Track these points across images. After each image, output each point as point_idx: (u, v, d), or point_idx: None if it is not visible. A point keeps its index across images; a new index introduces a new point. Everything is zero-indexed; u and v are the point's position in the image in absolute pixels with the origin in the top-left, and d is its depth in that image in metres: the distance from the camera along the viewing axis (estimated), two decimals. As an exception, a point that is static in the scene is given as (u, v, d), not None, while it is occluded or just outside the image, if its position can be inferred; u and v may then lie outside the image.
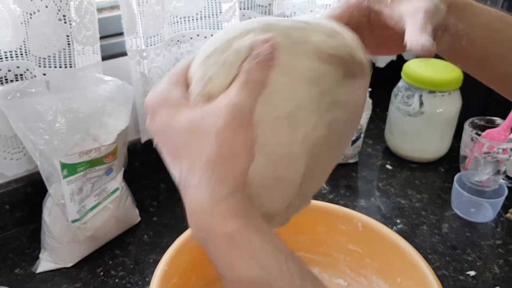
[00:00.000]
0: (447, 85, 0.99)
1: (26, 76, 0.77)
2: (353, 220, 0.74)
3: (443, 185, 1.01)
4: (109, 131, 0.77)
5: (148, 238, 0.86)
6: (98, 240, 0.82)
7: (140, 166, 0.98)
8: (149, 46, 0.83)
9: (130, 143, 0.93)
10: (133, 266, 0.80)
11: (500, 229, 0.89)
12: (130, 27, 0.79)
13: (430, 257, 0.82)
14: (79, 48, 0.76)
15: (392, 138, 1.09)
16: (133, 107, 0.85)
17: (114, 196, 0.82)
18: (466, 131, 0.98)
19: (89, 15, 0.74)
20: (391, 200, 0.96)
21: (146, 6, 0.79)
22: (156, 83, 0.86)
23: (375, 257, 0.73)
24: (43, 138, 0.71)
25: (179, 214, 0.92)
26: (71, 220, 0.76)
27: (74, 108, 0.74)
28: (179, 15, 0.87)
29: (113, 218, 0.82)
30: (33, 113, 0.71)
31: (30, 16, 0.70)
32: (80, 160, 0.73)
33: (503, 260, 0.82)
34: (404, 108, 1.03)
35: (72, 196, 0.74)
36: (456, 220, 0.91)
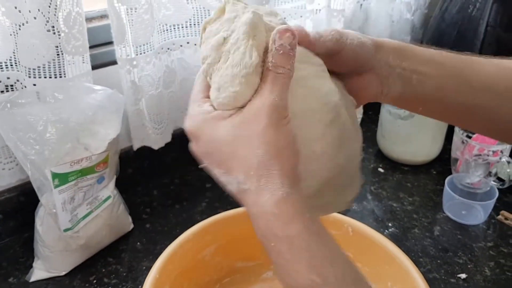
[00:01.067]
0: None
1: (16, 86, 0.77)
2: (343, 225, 0.74)
3: (435, 187, 1.01)
4: (100, 140, 0.77)
5: (141, 245, 0.86)
6: (90, 248, 0.82)
7: (132, 174, 0.99)
8: (139, 54, 0.83)
9: (122, 151, 0.94)
10: (126, 273, 0.80)
11: (492, 231, 0.89)
12: (119, 36, 0.80)
13: (422, 260, 0.82)
14: (68, 58, 0.76)
15: (384, 141, 1.10)
16: (124, 115, 0.86)
17: (106, 204, 0.82)
18: (456, 133, 0.98)
19: (78, 25, 0.74)
20: (383, 204, 0.96)
21: (135, 15, 0.80)
22: (146, 91, 0.87)
23: (366, 262, 0.73)
24: (34, 148, 0.72)
25: (172, 221, 0.92)
26: (63, 229, 0.76)
27: (65, 117, 0.75)
28: (168, 23, 0.88)
29: (106, 226, 0.83)
30: (24, 123, 0.72)
31: (19, 28, 0.71)
32: (71, 169, 0.73)
33: (494, 262, 0.82)
34: (395, 112, 1.04)
35: (63, 205, 0.75)
36: (447, 223, 0.91)
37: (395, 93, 0.47)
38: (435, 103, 0.48)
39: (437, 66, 0.46)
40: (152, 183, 1.02)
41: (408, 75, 0.46)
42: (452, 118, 0.52)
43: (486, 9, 1.03)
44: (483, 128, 0.53)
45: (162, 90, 0.91)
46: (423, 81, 0.46)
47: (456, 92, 0.47)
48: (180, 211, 0.95)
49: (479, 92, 0.47)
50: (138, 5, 0.79)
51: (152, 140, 0.93)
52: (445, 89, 0.47)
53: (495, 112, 0.49)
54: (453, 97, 0.47)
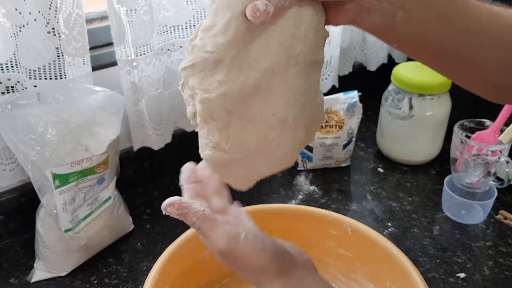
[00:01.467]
0: (436, 89, 1.00)
1: (17, 88, 0.77)
2: (342, 225, 0.75)
3: (434, 187, 1.01)
4: (100, 141, 0.78)
5: (142, 246, 0.86)
6: (91, 249, 0.83)
7: (133, 174, 0.99)
8: (139, 55, 0.84)
9: (122, 151, 0.94)
10: (126, 274, 0.81)
11: (491, 230, 0.90)
12: (119, 38, 0.80)
13: (421, 259, 0.83)
14: (69, 59, 0.76)
15: (383, 141, 1.10)
16: (125, 116, 0.86)
17: (106, 205, 0.83)
18: (455, 133, 0.99)
19: (78, 26, 0.75)
20: (382, 204, 0.97)
21: (135, 16, 0.80)
22: (146, 92, 0.88)
23: (365, 261, 0.74)
24: (34, 149, 0.72)
25: (172, 221, 0.91)
26: (63, 230, 0.77)
27: (65, 119, 0.75)
28: (168, 24, 0.88)
29: (106, 227, 0.83)
30: (24, 124, 0.72)
31: (19, 29, 0.71)
32: (71, 170, 0.73)
33: (493, 261, 0.82)
34: (394, 112, 1.04)
35: (64, 206, 0.75)
36: (446, 222, 0.92)
37: (372, 26, 0.44)
38: (413, 41, 0.45)
39: (429, 7, 0.43)
40: (153, 184, 1.03)
41: (393, 11, 0.42)
42: (427, 58, 0.49)
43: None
44: (456, 74, 0.51)
45: (162, 91, 0.91)
46: (407, 19, 0.43)
47: (437, 31, 0.44)
48: (180, 212, 0.95)
49: (461, 34, 0.45)
50: (138, 6, 0.80)
51: (152, 140, 0.94)
52: (427, 28, 0.44)
53: (472, 58, 0.47)
54: (433, 36, 0.44)
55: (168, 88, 0.93)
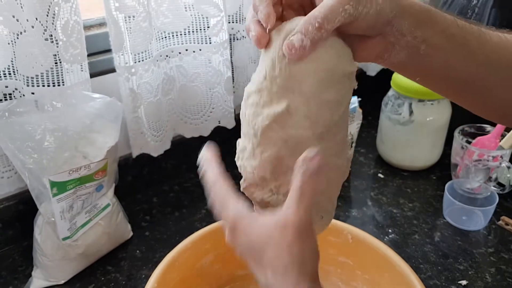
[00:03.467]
0: (436, 94, 0.99)
1: (14, 95, 0.77)
2: (343, 232, 0.74)
3: (435, 193, 1.01)
4: (98, 148, 0.77)
5: (140, 253, 0.86)
6: (90, 257, 0.82)
7: (132, 181, 0.99)
8: (137, 62, 0.83)
9: (121, 158, 0.94)
10: (125, 282, 0.80)
11: (492, 236, 0.89)
12: (117, 44, 0.80)
13: (422, 266, 0.82)
14: (67, 66, 0.76)
15: (383, 146, 1.10)
16: (123, 123, 0.86)
17: (105, 212, 0.82)
18: (456, 139, 0.98)
19: (76, 33, 0.74)
20: (383, 210, 0.96)
21: (133, 23, 0.80)
22: (145, 98, 0.87)
23: (366, 269, 0.73)
24: (32, 157, 0.72)
25: (171, 228, 0.92)
26: (61, 238, 0.76)
27: (63, 126, 0.75)
28: (166, 31, 0.88)
29: (105, 235, 0.82)
30: (22, 132, 0.72)
31: (17, 37, 0.71)
32: (69, 178, 0.73)
33: (495, 268, 0.82)
34: (394, 117, 1.04)
35: (62, 214, 0.74)
36: (448, 229, 0.91)
37: (396, 60, 0.45)
38: (436, 74, 0.47)
39: (449, 38, 0.44)
40: (151, 191, 1.02)
41: (417, 45, 0.44)
42: (449, 89, 0.50)
43: (485, 13, 1.03)
44: (477, 105, 0.51)
45: (160, 98, 0.91)
46: (431, 53, 0.44)
47: (460, 65, 0.46)
48: (180, 219, 0.94)
49: (481, 66, 0.46)
50: (136, 13, 0.79)
51: (151, 147, 0.93)
52: (449, 62, 0.45)
53: (492, 88, 0.48)
54: (456, 70, 0.46)
55: (167, 95, 0.93)
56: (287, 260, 0.41)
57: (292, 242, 0.41)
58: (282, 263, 0.41)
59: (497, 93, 0.48)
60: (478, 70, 0.46)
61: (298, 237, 0.41)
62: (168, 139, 0.97)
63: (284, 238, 0.41)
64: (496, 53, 0.47)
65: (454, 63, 0.45)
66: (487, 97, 0.49)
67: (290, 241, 0.41)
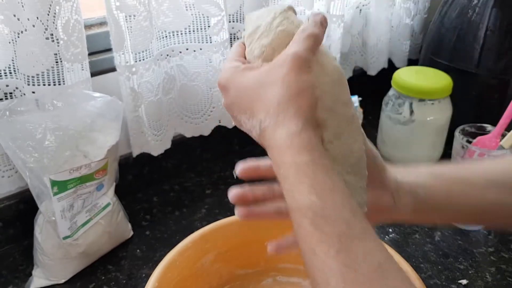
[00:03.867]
0: (437, 93, 1.00)
1: (15, 94, 0.77)
2: (343, 231, 0.74)
3: (436, 192, 1.01)
4: (99, 147, 0.77)
5: (141, 253, 0.86)
6: (90, 256, 0.82)
7: (132, 180, 0.99)
8: (138, 61, 0.83)
9: (122, 157, 0.94)
10: (125, 281, 0.80)
11: (493, 236, 0.89)
12: (118, 43, 0.80)
13: (422, 266, 0.82)
14: (67, 65, 0.76)
15: (384, 146, 1.10)
16: (124, 122, 0.86)
17: (105, 211, 0.82)
18: (456, 138, 0.98)
19: (77, 32, 0.74)
20: (383, 209, 0.96)
21: (134, 22, 0.80)
22: (146, 97, 0.87)
23: (366, 268, 0.73)
24: (33, 156, 0.72)
25: (172, 228, 0.92)
26: (62, 237, 0.76)
27: (64, 125, 0.75)
28: (167, 30, 0.88)
29: (105, 234, 0.82)
30: (22, 131, 0.72)
31: (17, 35, 0.71)
32: (70, 177, 0.73)
33: (495, 268, 0.82)
34: (395, 117, 1.04)
35: (63, 213, 0.74)
36: (448, 228, 0.91)
37: (408, 206, 0.51)
38: (448, 210, 0.52)
39: (440, 177, 0.51)
40: (152, 190, 1.02)
41: (414, 189, 0.50)
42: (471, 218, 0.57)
43: (486, 13, 1.03)
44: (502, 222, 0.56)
45: (161, 97, 0.91)
46: (430, 193, 0.50)
47: (465, 196, 0.50)
48: (180, 218, 0.95)
49: (487, 190, 0.50)
50: (137, 12, 0.79)
51: (151, 146, 0.93)
52: (453, 196, 0.50)
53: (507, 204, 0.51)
54: (463, 200, 0.50)
55: (167, 94, 0.93)
56: (282, 92, 0.41)
57: (289, 71, 0.41)
58: (277, 96, 0.41)
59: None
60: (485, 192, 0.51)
61: (296, 68, 0.41)
62: (169, 138, 0.97)
63: (281, 69, 0.41)
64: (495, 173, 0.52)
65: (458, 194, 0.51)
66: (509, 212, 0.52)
67: (287, 71, 0.41)
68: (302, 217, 0.38)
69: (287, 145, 0.40)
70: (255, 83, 0.42)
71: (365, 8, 1.22)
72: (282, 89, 0.41)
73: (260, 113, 0.42)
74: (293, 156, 0.39)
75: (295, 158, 0.39)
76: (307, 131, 0.40)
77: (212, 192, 1.01)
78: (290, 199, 0.40)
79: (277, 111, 0.40)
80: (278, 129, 0.40)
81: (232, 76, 0.44)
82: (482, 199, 0.50)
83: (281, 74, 0.41)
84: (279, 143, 0.40)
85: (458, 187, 0.51)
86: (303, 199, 0.38)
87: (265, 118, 0.41)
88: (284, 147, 0.40)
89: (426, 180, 0.51)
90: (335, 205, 0.38)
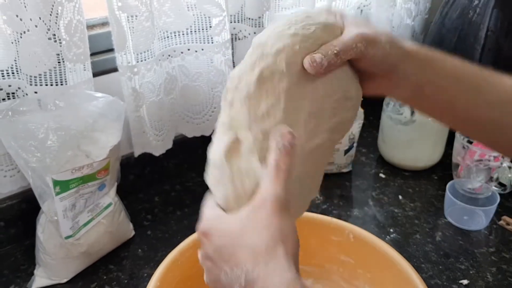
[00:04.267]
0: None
1: (17, 94, 0.77)
2: (344, 231, 0.74)
3: (437, 193, 1.01)
4: (101, 147, 0.78)
5: (142, 252, 0.86)
6: (92, 256, 0.82)
7: (134, 180, 0.99)
8: (139, 61, 0.84)
9: (123, 157, 0.94)
10: (127, 280, 0.80)
11: (494, 236, 0.89)
12: (120, 44, 0.80)
13: (423, 266, 0.82)
14: (70, 65, 0.76)
15: (384, 146, 1.10)
16: (125, 122, 0.86)
17: (107, 211, 0.82)
18: (457, 139, 0.98)
19: (79, 33, 0.75)
20: (384, 209, 0.96)
21: (135, 22, 0.80)
22: (147, 98, 0.87)
23: (367, 268, 0.73)
24: (35, 155, 0.72)
25: (173, 227, 0.92)
26: (64, 237, 0.76)
27: (66, 125, 0.75)
28: (169, 30, 0.88)
29: (107, 234, 0.83)
30: (25, 131, 0.72)
31: (20, 36, 0.71)
32: (72, 176, 0.73)
33: (496, 268, 0.82)
34: (396, 117, 1.04)
35: (65, 213, 0.75)
36: (449, 228, 0.91)
37: (401, 97, 0.50)
38: (442, 111, 0.50)
39: (455, 81, 0.48)
40: (153, 190, 1.02)
41: (422, 85, 0.47)
42: (455, 125, 0.54)
43: (487, 14, 1.03)
44: (489, 140, 0.54)
45: (163, 97, 0.91)
46: (436, 93, 0.48)
47: (469, 106, 0.48)
48: (181, 218, 0.95)
49: (496, 107, 0.49)
50: (139, 12, 0.80)
51: (153, 146, 0.94)
52: (457, 103, 0.48)
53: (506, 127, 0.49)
54: (465, 109, 0.49)
55: (169, 94, 0.93)
56: (267, 239, 0.40)
57: (269, 218, 0.40)
58: (263, 243, 0.40)
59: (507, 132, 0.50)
60: (492, 109, 0.49)
61: (277, 212, 0.41)
62: (170, 138, 0.98)
63: (262, 214, 0.41)
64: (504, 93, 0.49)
65: (463, 102, 0.48)
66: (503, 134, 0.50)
67: (267, 216, 0.40)
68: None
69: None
70: (237, 228, 0.42)
71: (366, 9, 1.22)
72: (267, 234, 0.40)
73: (247, 262, 0.40)
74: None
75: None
76: (299, 279, 0.40)
77: (213, 192, 1.01)
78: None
79: (266, 258, 0.39)
80: (272, 279, 0.39)
81: (215, 222, 0.44)
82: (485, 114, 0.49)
83: (263, 218, 0.41)
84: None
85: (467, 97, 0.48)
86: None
87: (254, 268, 0.40)
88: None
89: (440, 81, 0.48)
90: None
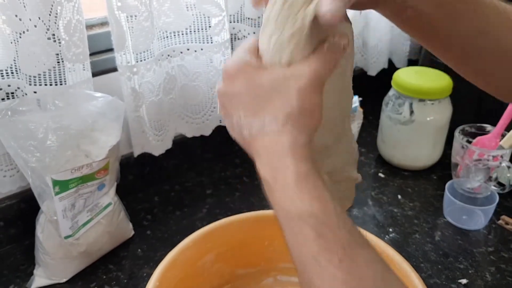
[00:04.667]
0: (437, 94, 1.00)
1: (17, 94, 0.77)
2: (343, 231, 0.74)
3: (436, 192, 1.01)
4: (100, 147, 0.78)
5: (142, 252, 0.86)
6: (91, 255, 0.82)
7: (133, 180, 0.99)
8: (139, 61, 0.84)
9: (123, 157, 0.94)
10: (126, 280, 0.80)
11: (493, 236, 0.89)
12: (119, 43, 0.80)
13: (423, 265, 0.82)
14: (69, 65, 0.76)
15: (384, 146, 1.10)
16: (125, 122, 0.86)
17: (106, 211, 0.82)
18: (456, 138, 0.98)
19: (78, 33, 0.75)
20: (383, 209, 0.96)
21: (135, 22, 0.80)
22: (147, 97, 0.87)
23: (366, 268, 0.73)
24: (35, 155, 0.72)
25: (173, 227, 0.92)
26: (63, 236, 0.76)
27: (65, 125, 0.75)
28: (168, 30, 0.88)
29: (106, 233, 0.83)
30: (24, 131, 0.72)
31: (19, 36, 0.71)
32: (72, 176, 0.73)
33: (495, 267, 0.82)
34: (395, 117, 1.04)
35: (64, 213, 0.75)
36: (448, 228, 0.91)
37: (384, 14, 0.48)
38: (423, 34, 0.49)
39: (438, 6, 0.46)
40: (153, 190, 1.02)
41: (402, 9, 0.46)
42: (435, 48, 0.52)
43: None
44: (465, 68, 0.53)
45: (162, 97, 0.91)
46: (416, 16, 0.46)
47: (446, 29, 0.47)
48: (181, 218, 0.95)
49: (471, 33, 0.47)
50: (138, 12, 0.80)
51: (152, 146, 0.94)
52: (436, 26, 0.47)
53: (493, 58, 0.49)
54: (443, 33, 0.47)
55: (168, 94, 0.93)
56: (295, 104, 0.40)
57: (304, 88, 0.40)
58: (289, 106, 0.40)
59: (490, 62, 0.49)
60: (475, 38, 0.47)
61: (313, 85, 0.41)
62: (170, 138, 0.98)
63: (298, 81, 0.41)
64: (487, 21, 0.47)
65: (441, 29, 0.47)
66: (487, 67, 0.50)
67: (302, 87, 0.40)
68: (302, 223, 0.38)
69: (290, 155, 0.40)
70: (268, 85, 0.41)
71: (366, 9, 1.22)
72: (297, 101, 0.40)
73: (266, 116, 0.41)
74: (296, 164, 0.39)
75: (298, 166, 0.39)
76: (309, 147, 0.41)
77: (212, 192, 1.02)
78: (288, 205, 0.39)
79: (286, 119, 0.40)
80: (283, 136, 0.40)
81: (244, 69, 0.43)
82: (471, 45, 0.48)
83: (297, 86, 0.41)
84: (280, 149, 0.40)
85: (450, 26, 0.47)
86: (305, 205, 0.38)
87: (271, 123, 0.41)
88: (286, 154, 0.40)
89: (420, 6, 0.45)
90: (337, 213, 0.38)
